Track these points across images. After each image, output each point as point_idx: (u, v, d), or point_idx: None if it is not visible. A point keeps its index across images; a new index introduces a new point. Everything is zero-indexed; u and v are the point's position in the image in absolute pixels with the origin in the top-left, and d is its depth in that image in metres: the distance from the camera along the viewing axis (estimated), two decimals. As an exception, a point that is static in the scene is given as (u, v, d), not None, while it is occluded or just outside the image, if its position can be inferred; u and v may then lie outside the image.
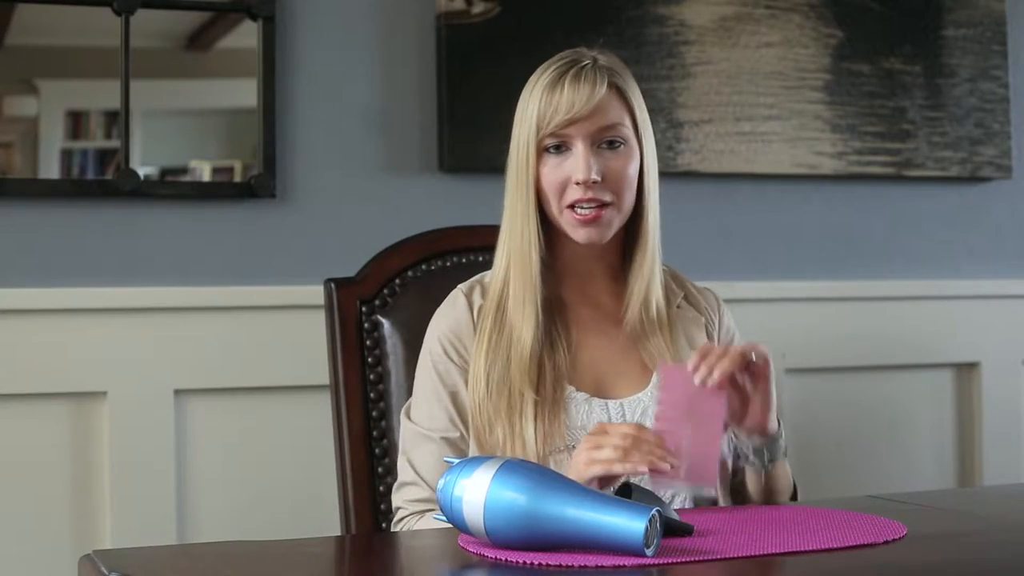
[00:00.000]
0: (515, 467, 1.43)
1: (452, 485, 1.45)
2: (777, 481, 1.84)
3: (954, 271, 2.91)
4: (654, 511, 1.39)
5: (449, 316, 1.90)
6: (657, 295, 1.90)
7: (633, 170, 1.86)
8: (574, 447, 1.79)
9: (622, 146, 1.85)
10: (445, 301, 1.93)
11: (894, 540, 1.52)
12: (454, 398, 1.86)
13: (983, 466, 2.89)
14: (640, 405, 1.85)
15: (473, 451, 1.83)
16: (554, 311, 1.88)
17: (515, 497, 1.41)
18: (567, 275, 1.91)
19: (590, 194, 1.82)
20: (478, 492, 1.43)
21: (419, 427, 1.87)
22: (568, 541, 1.41)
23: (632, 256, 1.91)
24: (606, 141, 1.84)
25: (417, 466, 1.86)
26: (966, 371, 2.91)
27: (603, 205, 1.83)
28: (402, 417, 1.91)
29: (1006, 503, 1.98)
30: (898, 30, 2.84)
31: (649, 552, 1.39)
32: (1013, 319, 2.94)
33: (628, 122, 1.86)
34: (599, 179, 1.82)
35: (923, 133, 2.85)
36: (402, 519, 1.87)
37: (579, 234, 1.84)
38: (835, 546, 1.49)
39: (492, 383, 1.83)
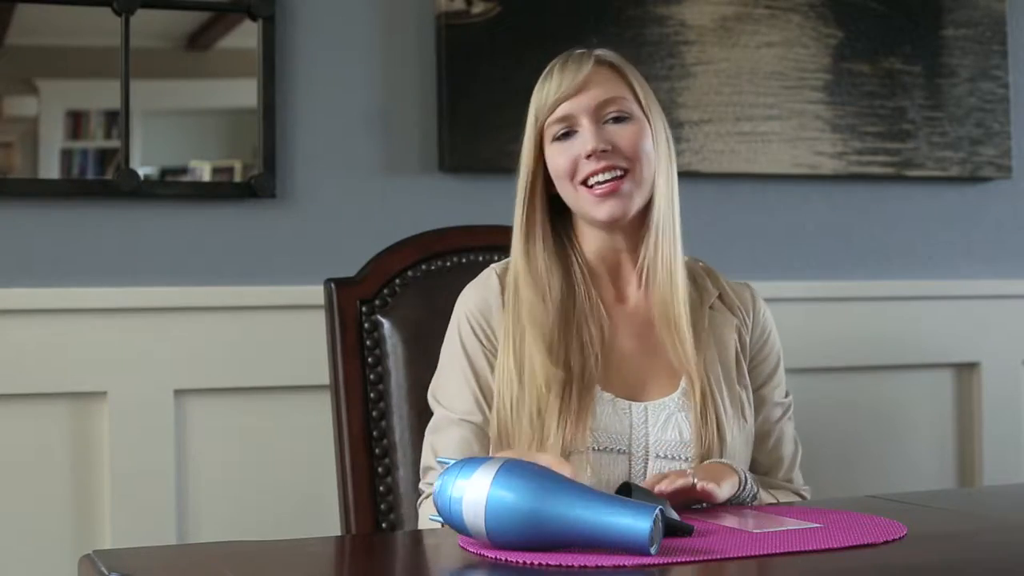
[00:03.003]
0: (515, 467, 1.43)
1: (450, 486, 1.44)
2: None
3: (954, 271, 2.91)
4: (657, 510, 1.39)
5: (479, 295, 1.88)
6: (681, 291, 1.86)
7: (648, 144, 1.84)
8: (594, 449, 1.79)
9: (629, 120, 1.84)
10: (477, 278, 1.91)
11: (894, 540, 1.52)
12: (480, 379, 1.84)
13: (983, 466, 2.89)
14: (665, 410, 1.83)
15: (492, 439, 1.82)
16: (586, 311, 1.85)
17: (517, 498, 1.40)
18: (597, 273, 1.89)
19: (603, 163, 1.80)
20: (478, 493, 1.42)
21: (446, 409, 1.85)
22: (572, 541, 1.41)
23: (648, 245, 1.87)
24: (611, 117, 1.83)
25: (439, 450, 1.85)
26: (966, 371, 2.91)
27: (619, 176, 1.81)
28: (429, 399, 1.90)
29: (1006, 503, 1.98)
30: (898, 30, 2.84)
31: (653, 551, 1.39)
32: (1013, 319, 2.94)
33: (630, 97, 1.85)
34: (608, 148, 1.80)
35: (923, 133, 2.85)
36: (421, 503, 1.88)
37: (600, 211, 1.81)
38: (835, 546, 1.49)
39: (526, 379, 1.80)
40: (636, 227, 1.87)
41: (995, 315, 2.92)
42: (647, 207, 1.87)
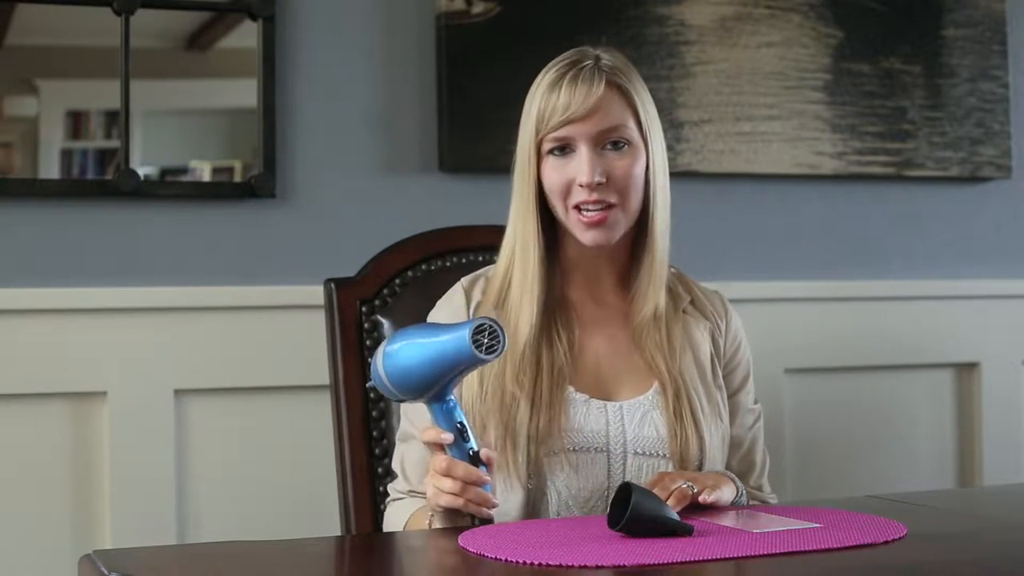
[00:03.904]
0: (393, 341, 1.67)
1: (375, 363, 1.68)
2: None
3: (954, 271, 2.91)
4: (486, 322, 1.58)
5: (445, 311, 1.92)
6: (661, 298, 1.90)
7: (639, 171, 1.86)
8: (571, 449, 1.80)
9: (626, 147, 1.85)
10: (446, 294, 1.94)
11: (894, 540, 1.52)
12: None
13: (983, 466, 2.89)
14: (640, 408, 1.85)
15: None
16: (557, 310, 1.88)
17: (392, 366, 1.65)
18: (574, 274, 1.92)
19: (595, 196, 1.82)
20: (379, 363, 1.67)
21: (410, 422, 1.89)
22: (433, 374, 1.62)
23: (640, 257, 1.90)
24: (610, 142, 1.84)
25: (404, 460, 1.90)
26: (966, 371, 2.91)
27: (609, 207, 1.83)
28: (401, 407, 1.92)
29: (1006, 503, 1.98)
30: (898, 30, 2.84)
31: (485, 356, 1.58)
32: (1013, 319, 2.94)
33: (632, 123, 1.86)
34: (603, 181, 1.82)
35: (923, 133, 2.85)
36: (385, 506, 1.94)
37: (586, 236, 1.84)
38: (835, 546, 1.49)
39: (487, 382, 1.83)
40: (622, 241, 1.89)
41: (995, 315, 2.92)
42: (642, 224, 1.89)
